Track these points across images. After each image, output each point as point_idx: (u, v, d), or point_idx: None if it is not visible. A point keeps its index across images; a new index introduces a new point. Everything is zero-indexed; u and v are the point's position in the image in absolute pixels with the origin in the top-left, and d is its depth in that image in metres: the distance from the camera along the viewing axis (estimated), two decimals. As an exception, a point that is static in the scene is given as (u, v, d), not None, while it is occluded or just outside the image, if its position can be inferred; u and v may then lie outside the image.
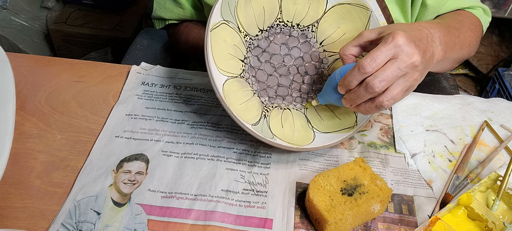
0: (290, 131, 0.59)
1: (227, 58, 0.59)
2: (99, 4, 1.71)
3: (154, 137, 0.61)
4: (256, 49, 0.63)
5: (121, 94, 0.68)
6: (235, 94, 0.57)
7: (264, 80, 0.62)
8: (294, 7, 0.65)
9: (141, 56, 0.96)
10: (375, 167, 0.59)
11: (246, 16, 0.63)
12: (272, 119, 0.60)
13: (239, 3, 0.61)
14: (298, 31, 0.65)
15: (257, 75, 0.62)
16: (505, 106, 0.69)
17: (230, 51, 0.60)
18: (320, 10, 0.65)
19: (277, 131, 0.58)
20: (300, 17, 0.66)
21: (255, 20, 0.64)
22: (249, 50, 0.63)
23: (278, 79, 0.63)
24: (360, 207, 0.50)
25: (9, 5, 1.60)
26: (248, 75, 0.61)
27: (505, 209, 0.54)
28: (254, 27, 0.64)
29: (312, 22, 0.66)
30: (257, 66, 0.63)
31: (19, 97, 0.66)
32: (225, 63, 0.58)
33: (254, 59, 0.63)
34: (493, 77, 1.62)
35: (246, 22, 0.63)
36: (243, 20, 0.62)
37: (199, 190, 0.55)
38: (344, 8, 0.64)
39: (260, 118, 0.58)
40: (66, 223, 0.50)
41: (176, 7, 0.79)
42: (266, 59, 0.63)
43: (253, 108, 0.59)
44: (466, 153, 0.61)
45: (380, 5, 0.72)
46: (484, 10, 0.77)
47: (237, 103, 0.57)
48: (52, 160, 0.58)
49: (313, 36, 0.66)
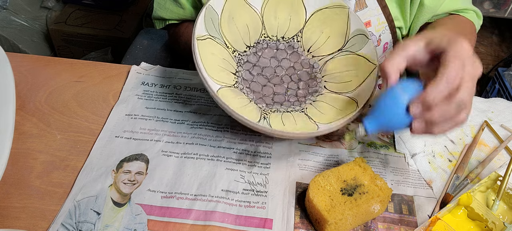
0: (293, 128, 0.57)
1: (218, 70, 0.58)
2: (99, 4, 1.71)
3: (154, 137, 0.61)
4: (246, 64, 0.63)
5: (121, 94, 0.68)
6: (231, 99, 0.55)
7: (259, 91, 0.62)
8: (276, 22, 0.67)
9: (141, 56, 0.96)
10: (375, 167, 0.59)
11: (231, 32, 0.63)
12: (273, 120, 0.58)
13: (222, 21, 0.61)
14: (284, 43, 0.67)
15: (251, 86, 0.62)
16: (505, 106, 0.69)
17: (220, 64, 0.59)
18: (301, 21, 0.67)
19: (279, 128, 0.57)
20: (283, 30, 0.67)
21: (241, 37, 0.64)
22: (240, 65, 0.63)
23: (272, 88, 0.63)
24: (360, 207, 0.50)
25: (9, 5, 1.60)
26: (242, 87, 0.61)
27: (505, 209, 0.54)
28: (241, 43, 0.64)
29: (296, 32, 0.67)
30: (250, 79, 0.62)
31: (19, 97, 0.66)
32: (217, 74, 0.57)
33: (245, 73, 0.63)
34: (493, 77, 1.62)
35: (233, 38, 0.63)
36: (229, 37, 0.63)
37: (199, 190, 0.55)
38: (323, 13, 0.66)
39: (259, 119, 0.56)
40: (66, 223, 0.50)
41: (176, 7, 0.79)
42: (258, 72, 0.63)
43: (252, 112, 0.57)
44: (466, 153, 0.61)
45: (380, 4, 0.72)
46: (476, 13, 0.78)
47: (235, 105, 0.54)
48: (52, 160, 0.58)
49: (300, 46, 0.67)
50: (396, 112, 0.46)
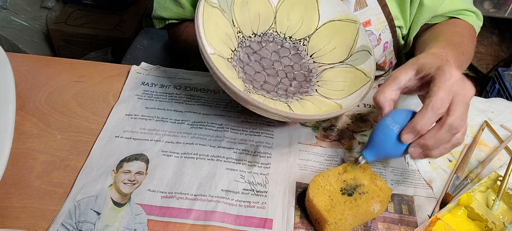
0: (270, 104, 0.55)
1: (217, 40, 0.57)
2: (99, 4, 1.71)
3: (154, 137, 0.61)
4: (247, 48, 0.64)
5: (121, 94, 0.68)
6: (221, 67, 0.53)
7: (251, 74, 0.62)
8: (287, 22, 0.67)
9: (141, 56, 0.96)
10: (375, 167, 0.59)
11: (241, 15, 0.63)
12: (254, 96, 0.57)
13: (235, 1, 0.61)
14: (290, 43, 0.67)
15: (244, 68, 0.62)
16: (505, 106, 0.69)
17: (221, 36, 0.59)
18: (312, 26, 0.68)
19: (258, 98, 0.54)
20: (292, 31, 0.68)
21: (250, 22, 0.64)
22: (241, 46, 0.63)
23: (265, 77, 0.63)
24: (360, 207, 0.50)
25: (9, 5, 1.60)
26: (236, 64, 0.60)
27: (505, 209, 0.54)
28: (248, 28, 0.64)
29: (304, 36, 0.68)
30: (246, 62, 0.62)
31: (19, 97, 0.66)
32: (214, 41, 0.56)
33: (244, 55, 0.63)
34: (493, 77, 1.62)
35: (241, 21, 0.63)
36: (238, 17, 0.63)
37: (199, 190, 0.55)
38: (334, 24, 0.67)
39: None
40: (66, 223, 0.50)
41: (176, 7, 0.79)
42: (256, 59, 0.64)
43: (237, 85, 0.54)
44: (466, 153, 0.61)
45: (380, 3, 0.72)
46: (476, 14, 0.77)
47: (224, 73, 0.52)
48: (52, 160, 0.58)
49: (304, 50, 0.67)
50: (390, 142, 0.49)
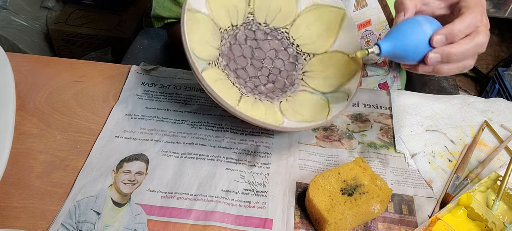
0: (259, 115, 0.56)
1: (203, 46, 0.57)
2: (99, 4, 1.71)
3: (154, 137, 0.61)
4: (232, 39, 0.64)
5: (121, 94, 0.68)
6: (213, 81, 0.55)
7: (238, 68, 0.62)
8: (266, 9, 0.67)
9: (141, 56, 0.96)
10: (375, 167, 0.59)
11: None
12: (244, 102, 0.57)
13: None
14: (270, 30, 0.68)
15: (230, 64, 0.62)
16: (505, 106, 0.69)
17: (207, 38, 0.59)
18: (293, 13, 0.67)
19: (246, 112, 0.55)
20: (271, 18, 0.67)
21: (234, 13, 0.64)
22: (226, 39, 0.63)
23: (252, 70, 0.64)
24: (360, 207, 0.50)
25: (9, 5, 1.60)
26: (225, 61, 0.61)
27: (505, 209, 0.54)
28: (227, 20, 0.64)
29: (285, 24, 0.68)
30: (231, 57, 0.63)
31: (19, 97, 0.66)
32: (200, 49, 0.56)
33: (228, 48, 0.63)
34: (493, 77, 1.62)
35: None
36: None
37: (199, 190, 0.55)
38: (319, 10, 0.67)
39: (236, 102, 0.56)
40: (66, 223, 0.50)
41: (175, 6, 0.78)
42: (240, 51, 0.64)
43: (231, 94, 0.56)
44: (466, 153, 0.61)
45: (381, 3, 0.72)
46: None
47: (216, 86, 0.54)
48: (52, 160, 0.58)
49: (286, 37, 0.68)
50: (416, 38, 0.46)
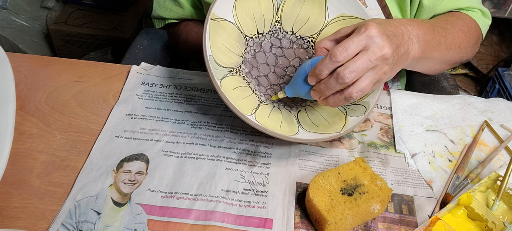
0: (275, 127, 0.58)
1: (225, 55, 0.60)
2: (99, 4, 1.71)
3: (154, 137, 0.61)
4: (256, 46, 0.65)
5: (121, 94, 0.68)
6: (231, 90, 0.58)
7: (259, 75, 0.64)
8: (293, 18, 0.67)
9: (141, 56, 0.96)
10: (375, 167, 0.59)
11: None
12: (261, 111, 0.60)
13: None
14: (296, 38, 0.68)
15: (252, 72, 0.64)
16: (505, 106, 0.69)
17: (230, 47, 0.61)
18: (320, 24, 0.68)
19: (263, 121, 0.58)
20: (297, 27, 0.68)
21: (255, 22, 0.65)
22: (249, 47, 0.65)
23: (274, 76, 0.65)
24: (360, 207, 0.50)
25: (9, 5, 1.60)
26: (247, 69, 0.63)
27: (505, 209, 0.54)
28: (253, 28, 0.65)
29: (312, 34, 0.68)
30: (254, 64, 0.64)
31: (19, 97, 0.66)
32: (222, 57, 0.59)
33: (251, 56, 0.64)
34: (493, 77, 1.62)
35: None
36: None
37: (199, 190, 0.55)
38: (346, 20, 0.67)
39: (252, 112, 0.58)
40: (66, 223, 0.50)
41: (175, 6, 0.79)
42: (262, 59, 0.65)
43: (247, 102, 0.59)
44: (466, 153, 0.61)
45: (380, 3, 0.72)
46: (483, 12, 0.74)
47: (232, 95, 0.57)
48: (52, 160, 0.58)
49: (311, 46, 0.68)
50: (301, 81, 0.55)
